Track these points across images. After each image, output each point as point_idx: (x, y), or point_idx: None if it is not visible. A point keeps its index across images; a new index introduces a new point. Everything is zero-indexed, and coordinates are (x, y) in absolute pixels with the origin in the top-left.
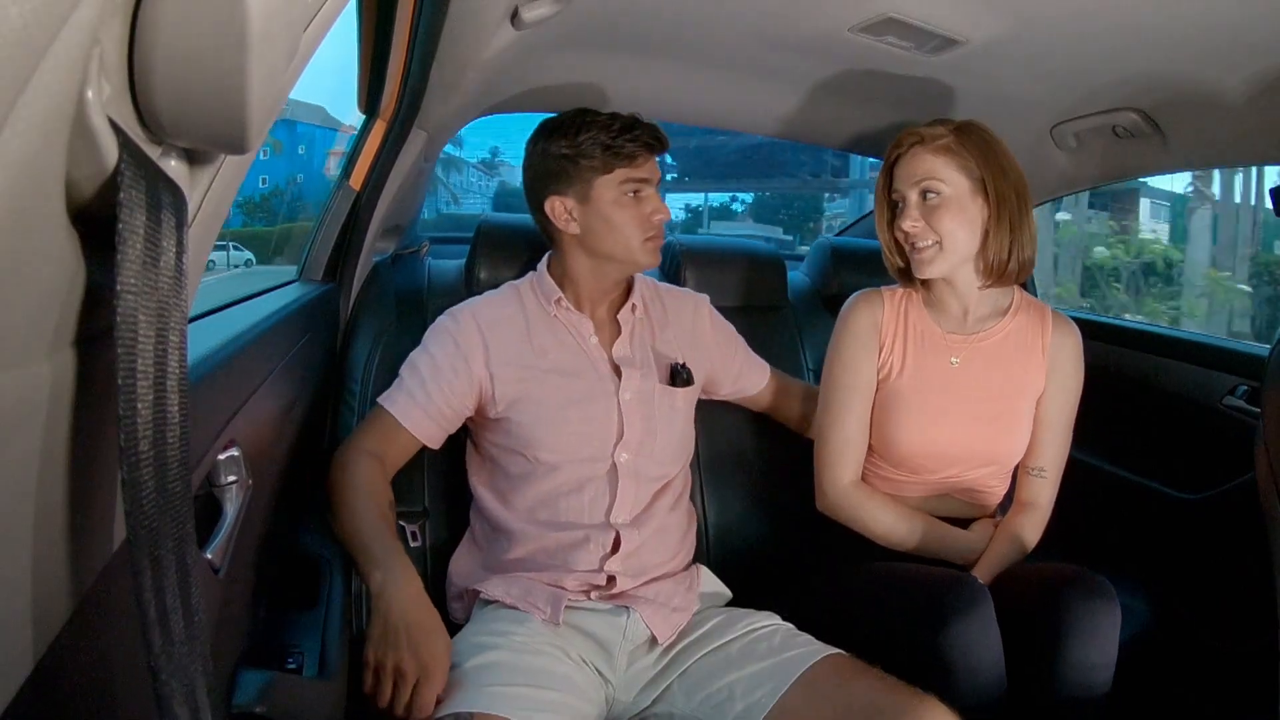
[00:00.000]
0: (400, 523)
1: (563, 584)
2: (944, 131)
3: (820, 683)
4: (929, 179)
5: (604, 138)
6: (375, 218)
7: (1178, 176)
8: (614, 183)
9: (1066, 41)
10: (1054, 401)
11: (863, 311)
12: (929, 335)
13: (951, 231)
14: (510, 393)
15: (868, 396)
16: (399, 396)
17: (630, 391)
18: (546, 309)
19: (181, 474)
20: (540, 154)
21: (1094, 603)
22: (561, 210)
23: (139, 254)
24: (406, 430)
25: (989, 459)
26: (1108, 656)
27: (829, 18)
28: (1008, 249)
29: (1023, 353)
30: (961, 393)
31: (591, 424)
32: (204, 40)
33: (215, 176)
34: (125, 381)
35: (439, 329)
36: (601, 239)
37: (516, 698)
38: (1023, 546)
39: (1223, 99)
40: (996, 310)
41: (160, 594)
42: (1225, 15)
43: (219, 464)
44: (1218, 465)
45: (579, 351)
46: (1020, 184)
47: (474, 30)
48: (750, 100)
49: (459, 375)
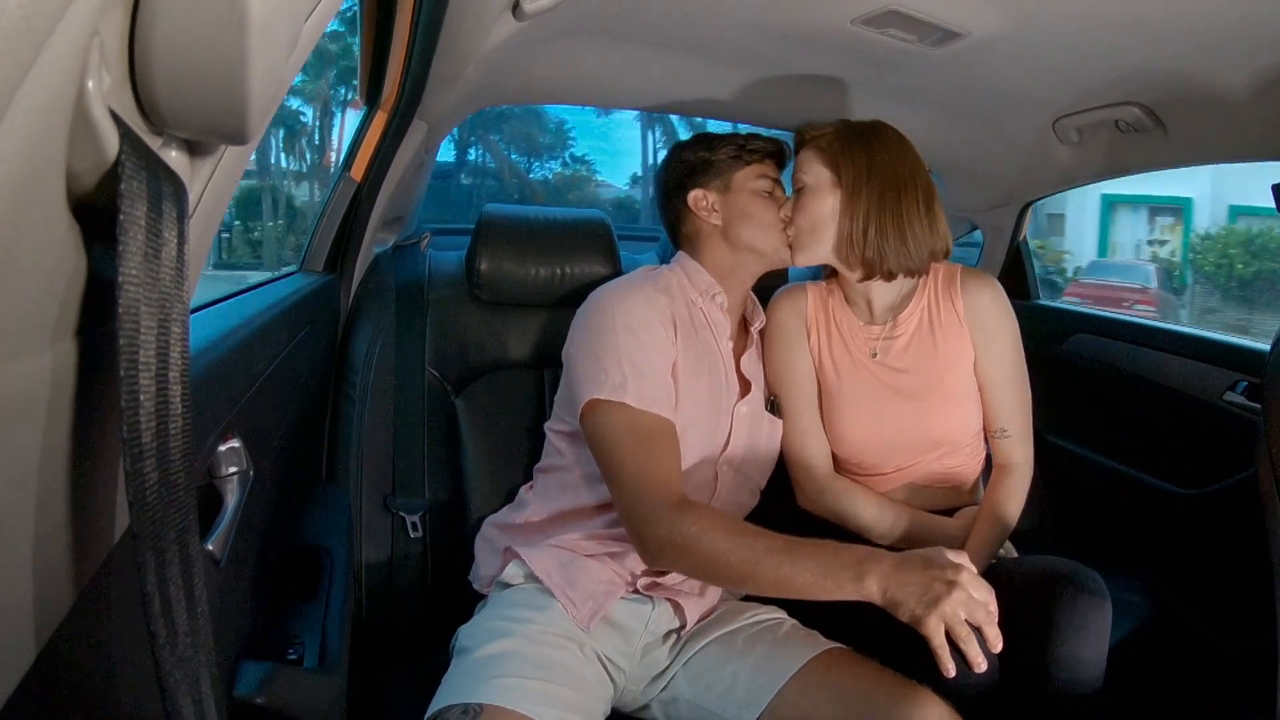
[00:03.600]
0: (401, 514)
1: (618, 570)
2: (827, 128)
3: (821, 674)
4: (798, 172)
5: (738, 139)
6: (376, 209)
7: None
8: (751, 176)
9: (1069, 35)
10: (990, 361)
11: (787, 306)
12: (849, 328)
13: (801, 223)
14: (680, 380)
15: (811, 386)
16: (646, 389)
17: (749, 406)
18: (696, 303)
19: (184, 465)
20: (678, 161)
21: (1084, 599)
22: (704, 202)
23: (140, 245)
24: (670, 422)
25: (934, 442)
26: (1097, 653)
27: (831, 10)
28: (874, 245)
29: (940, 329)
30: (888, 383)
31: (711, 428)
32: (205, 30)
33: (216, 167)
34: (127, 373)
35: (635, 310)
36: (743, 228)
37: (527, 691)
38: (1005, 523)
39: (1226, 95)
40: (905, 296)
41: (164, 585)
42: (1229, 11)
43: (220, 455)
44: (1218, 460)
45: (716, 353)
46: (901, 182)
47: (475, 21)
48: (752, 92)
49: (667, 359)
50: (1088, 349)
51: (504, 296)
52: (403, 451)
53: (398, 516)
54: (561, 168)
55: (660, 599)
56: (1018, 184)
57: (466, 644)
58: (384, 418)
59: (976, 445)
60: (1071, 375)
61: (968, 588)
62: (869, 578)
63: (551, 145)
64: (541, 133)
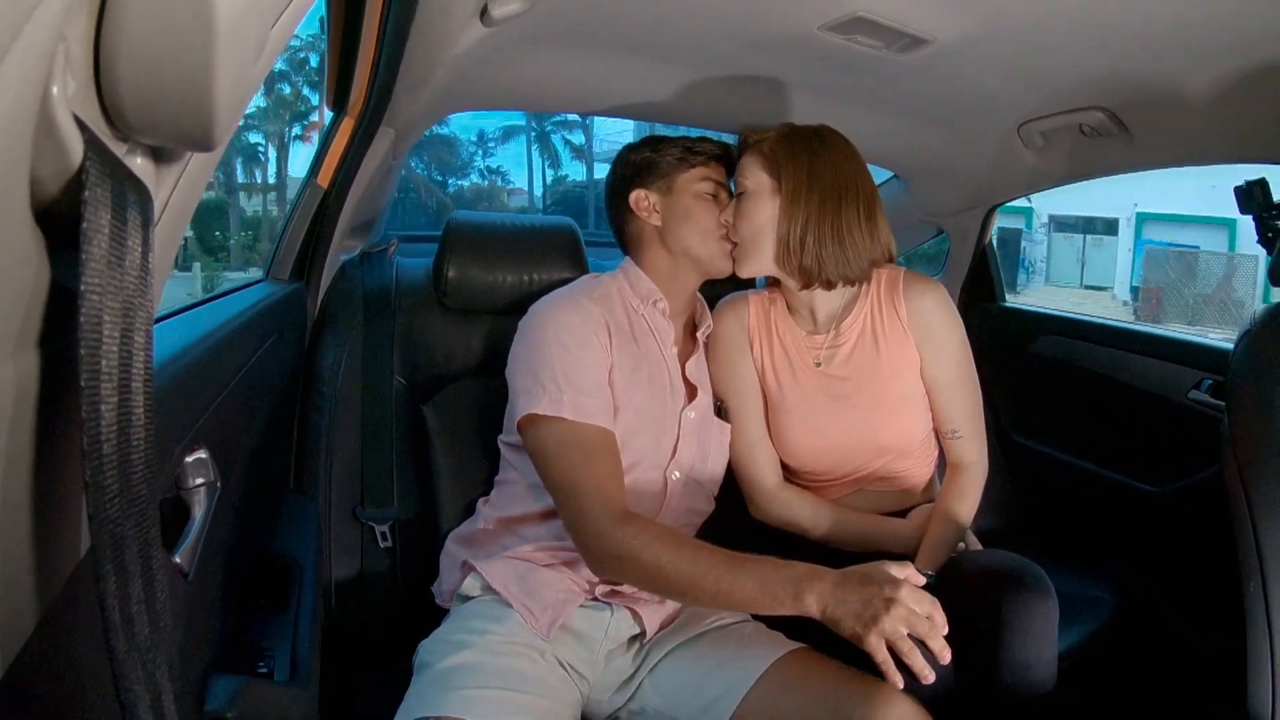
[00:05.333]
0: (370, 523)
1: (575, 579)
2: (770, 133)
3: (786, 675)
4: (739, 177)
5: (685, 142)
6: (343, 216)
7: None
8: (695, 178)
9: (1034, 41)
10: (937, 365)
11: (729, 317)
12: (792, 338)
13: (743, 230)
14: (618, 388)
15: (756, 397)
16: (583, 401)
17: (696, 411)
18: (638, 310)
19: (147, 477)
20: (625, 162)
21: (1028, 601)
22: (645, 202)
23: (104, 253)
24: (609, 433)
25: (880, 450)
26: (1045, 656)
27: (798, 17)
28: (812, 253)
29: (884, 337)
30: (832, 392)
31: (657, 435)
32: (171, 35)
33: (182, 174)
34: (89, 383)
35: (565, 322)
36: (681, 232)
37: (486, 701)
38: (959, 523)
39: (1189, 99)
40: (848, 304)
41: (125, 600)
42: (1192, 16)
43: (186, 466)
44: (1184, 458)
45: (660, 360)
46: (842, 189)
47: (443, 27)
48: (720, 98)
49: (603, 369)
50: (1055, 350)
51: (472, 304)
52: (371, 461)
53: (367, 527)
54: (480, 178)
55: (619, 606)
56: (983, 188)
57: (427, 659)
58: (352, 427)
59: (927, 448)
60: (1039, 376)
61: (907, 603)
62: (808, 595)
63: (464, 165)
64: (453, 156)
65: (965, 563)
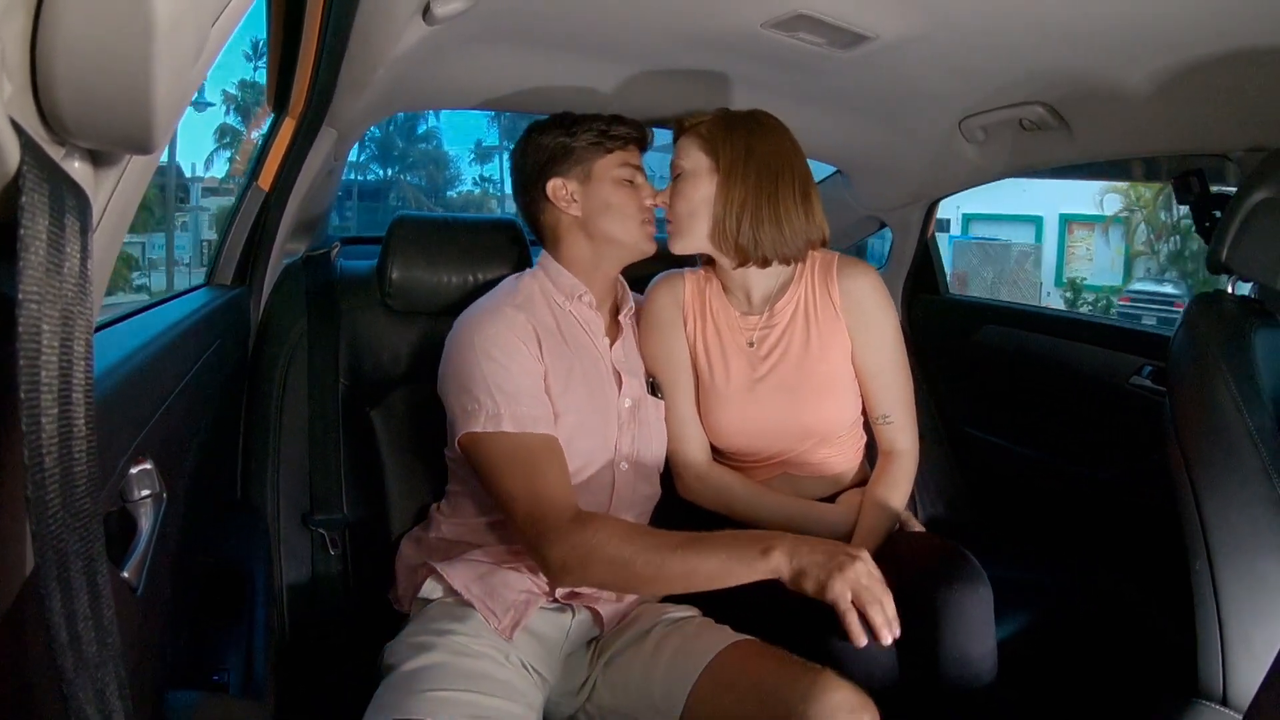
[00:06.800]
0: (320, 530)
1: (536, 580)
2: (706, 116)
3: (729, 667)
4: (676, 158)
5: (599, 125)
6: (285, 219)
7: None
8: (613, 164)
9: (975, 37)
10: (868, 349)
11: (664, 293)
12: (725, 318)
13: (680, 209)
14: (555, 393)
15: (688, 375)
16: (520, 411)
17: (630, 399)
18: (562, 306)
19: (91, 490)
20: (535, 146)
21: (962, 593)
22: (563, 192)
23: (42, 260)
24: (552, 437)
25: (806, 433)
26: (984, 648)
27: (740, 14)
28: (748, 232)
29: (816, 320)
30: (761, 373)
31: (600, 431)
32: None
33: (121, 178)
34: (29, 395)
35: (491, 334)
36: (603, 220)
37: (455, 703)
38: (892, 511)
39: (1125, 93)
40: (783, 286)
41: (71, 617)
42: (1130, 13)
43: (131, 478)
44: (1128, 443)
45: (594, 354)
46: (778, 169)
47: (385, 25)
48: (664, 96)
49: (536, 375)
50: (998, 340)
51: (417, 305)
52: (319, 467)
53: (317, 533)
54: (472, 186)
55: (580, 607)
56: (926, 182)
57: (392, 661)
58: (298, 433)
59: (854, 435)
60: (983, 366)
61: (869, 564)
62: (775, 552)
63: (455, 177)
64: (446, 168)
65: (900, 549)
